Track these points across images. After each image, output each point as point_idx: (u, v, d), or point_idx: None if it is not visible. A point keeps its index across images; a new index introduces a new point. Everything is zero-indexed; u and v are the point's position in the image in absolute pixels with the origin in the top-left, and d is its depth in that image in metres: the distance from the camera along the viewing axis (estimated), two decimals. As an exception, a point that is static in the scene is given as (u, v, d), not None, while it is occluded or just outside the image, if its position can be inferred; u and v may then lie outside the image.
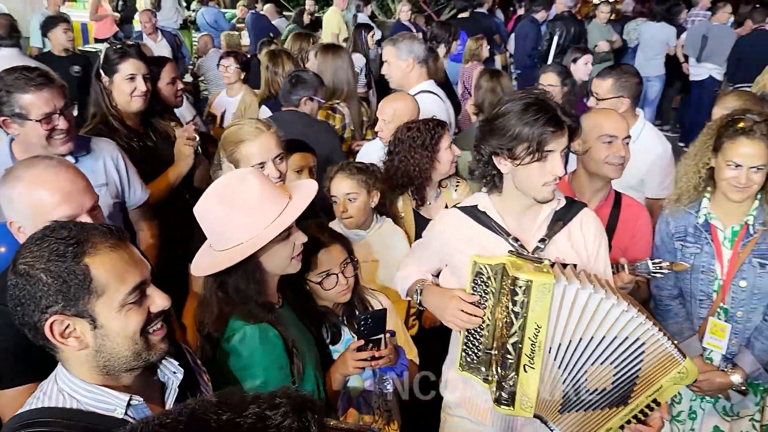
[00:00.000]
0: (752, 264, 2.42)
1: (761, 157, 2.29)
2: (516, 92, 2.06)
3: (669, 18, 8.68)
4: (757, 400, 2.59)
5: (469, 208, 2.17)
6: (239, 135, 2.45)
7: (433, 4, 12.00)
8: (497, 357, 1.94)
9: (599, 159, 2.57)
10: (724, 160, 2.34)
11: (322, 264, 2.22)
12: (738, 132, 2.30)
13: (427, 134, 2.94)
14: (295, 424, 0.81)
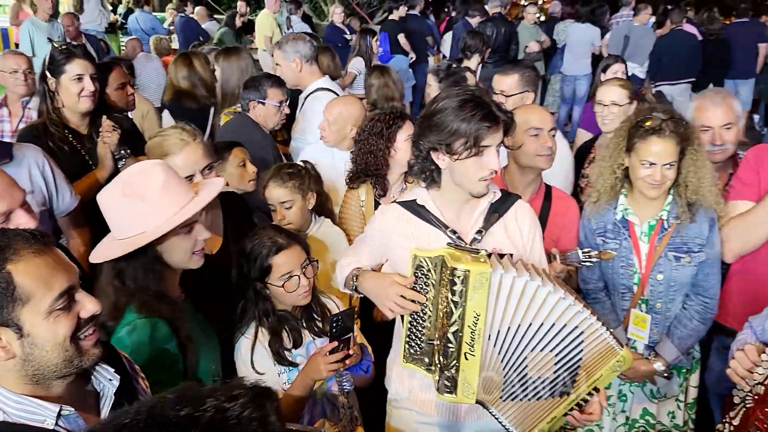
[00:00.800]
0: (668, 257, 2.51)
1: (672, 154, 2.38)
2: (453, 89, 2.10)
3: (593, 19, 9.00)
4: (681, 381, 2.71)
5: (409, 202, 2.22)
6: (164, 147, 2.41)
7: (366, 7, 12.06)
8: (439, 347, 1.98)
9: (529, 152, 2.65)
10: (638, 160, 2.42)
11: (283, 266, 2.22)
12: (648, 132, 2.39)
13: (383, 124, 2.98)
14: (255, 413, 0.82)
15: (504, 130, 2.03)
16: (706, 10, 8.98)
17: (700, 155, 2.47)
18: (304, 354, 2.31)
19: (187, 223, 1.87)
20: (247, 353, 2.25)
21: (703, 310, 2.56)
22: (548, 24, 10.06)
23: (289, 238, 2.29)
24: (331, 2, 11.93)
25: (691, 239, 2.49)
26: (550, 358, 1.95)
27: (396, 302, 2.01)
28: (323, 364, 2.12)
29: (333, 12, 10.02)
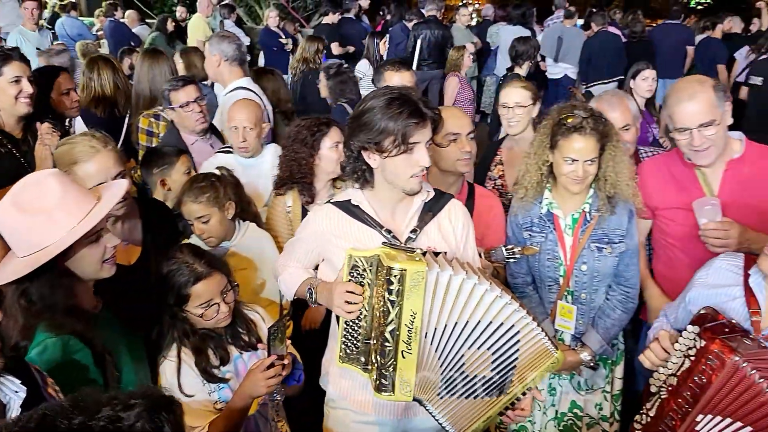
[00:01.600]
0: (591, 249, 2.59)
1: (593, 150, 2.46)
2: (379, 89, 2.12)
3: (524, 21, 9.20)
4: (607, 372, 2.79)
5: (343, 202, 2.22)
6: (72, 155, 2.32)
7: (302, 10, 12.00)
8: (376, 346, 1.99)
9: (449, 157, 2.69)
10: (561, 157, 2.49)
11: (202, 295, 2.16)
12: (570, 129, 2.46)
13: (308, 132, 2.97)
14: (148, 425, 0.80)
15: (432, 127, 2.06)
16: (630, 13, 9.31)
17: (619, 151, 2.55)
18: (233, 370, 2.26)
19: (92, 231, 1.79)
20: (173, 376, 2.17)
21: (624, 299, 2.64)
22: (481, 27, 10.24)
23: (209, 265, 2.20)
24: (265, 6, 11.80)
25: (612, 231, 2.57)
26: (487, 357, 1.99)
27: (345, 300, 2.01)
28: (262, 380, 2.08)
29: (268, 16, 9.93)
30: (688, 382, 1.84)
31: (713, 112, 2.43)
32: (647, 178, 2.69)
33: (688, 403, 1.84)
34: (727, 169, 2.58)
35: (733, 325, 1.86)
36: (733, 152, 2.59)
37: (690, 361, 1.85)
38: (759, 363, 1.73)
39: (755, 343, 1.80)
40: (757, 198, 2.47)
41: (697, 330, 1.86)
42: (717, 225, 2.45)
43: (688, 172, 2.64)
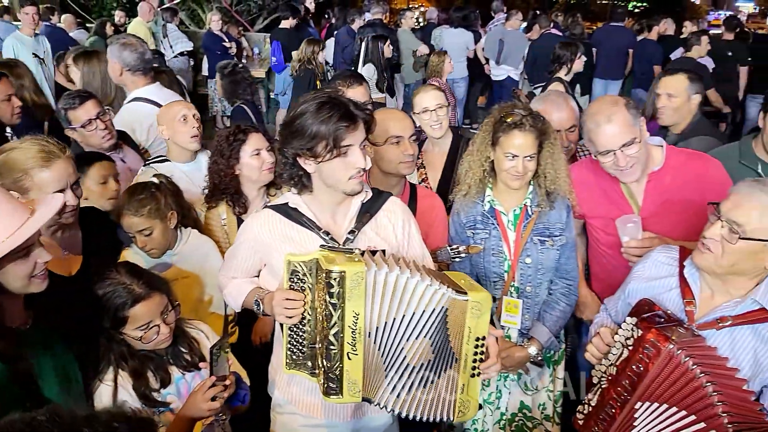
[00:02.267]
0: (533, 242, 2.63)
1: (532, 146, 2.51)
2: (310, 93, 2.10)
3: (466, 24, 9.32)
4: (550, 371, 2.83)
5: (281, 206, 2.21)
6: (25, 162, 2.19)
7: (245, 14, 11.87)
8: (321, 350, 1.99)
9: (391, 159, 2.69)
10: (502, 153, 2.53)
11: (141, 317, 2.09)
12: (511, 126, 2.51)
13: (226, 142, 2.91)
14: None
15: (365, 128, 2.06)
16: (570, 16, 9.54)
17: (556, 148, 2.61)
18: (175, 392, 2.20)
19: (22, 247, 1.68)
20: (109, 401, 2.09)
21: (567, 291, 2.70)
22: (425, 30, 10.32)
23: (148, 286, 2.11)
24: (208, 9, 11.62)
25: (552, 224, 2.62)
26: (426, 343, 2.01)
27: (285, 307, 2.01)
28: (204, 402, 2.03)
29: (210, 19, 9.79)
30: (627, 371, 1.88)
31: (632, 130, 2.46)
32: (577, 183, 2.72)
33: (626, 391, 1.89)
34: (650, 181, 2.64)
35: (669, 315, 1.92)
36: (654, 164, 2.64)
37: (628, 351, 1.89)
38: (692, 350, 1.79)
39: (689, 332, 1.85)
40: (678, 206, 2.54)
41: (634, 321, 1.90)
42: (638, 243, 2.52)
43: (614, 185, 2.69)
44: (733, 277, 1.91)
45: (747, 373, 1.86)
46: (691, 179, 2.60)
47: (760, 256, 1.84)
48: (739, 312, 1.90)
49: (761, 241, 1.80)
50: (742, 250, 1.83)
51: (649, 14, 11.92)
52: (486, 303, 2.01)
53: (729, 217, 1.84)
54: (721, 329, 1.90)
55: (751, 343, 1.88)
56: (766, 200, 1.80)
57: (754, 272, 1.89)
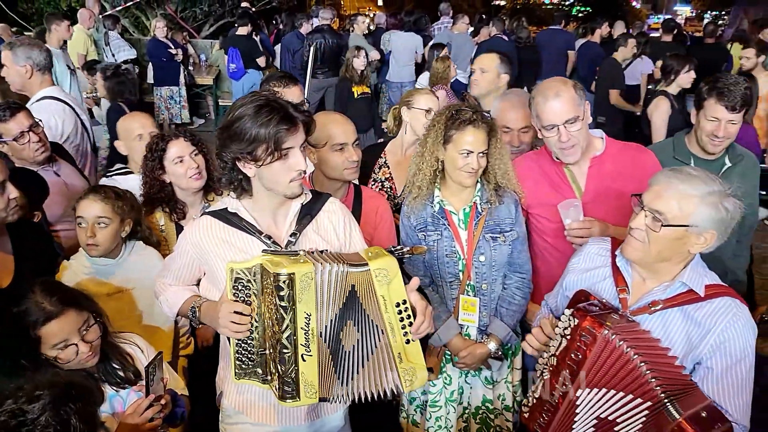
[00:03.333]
0: (486, 239, 2.66)
1: (484, 142, 2.55)
2: (246, 96, 2.06)
3: (416, 28, 9.39)
4: (508, 363, 2.87)
5: (220, 211, 2.17)
6: None
7: (191, 20, 11.70)
8: (273, 355, 1.97)
9: (336, 166, 2.68)
10: (456, 150, 2.55)
11: (55, 336, 1.98)
12: (465, 123, 2.54)
13: (148, 150, 2.89)
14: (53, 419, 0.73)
15: (305, 129, 2.04)
16: (516, 20, 9.70)
17: (502, 144, 2.66)
18: (108, 410, 2.14)
19: None
20: None
21: (521, 284, 2.75)
22: (375, 35, 10.36)
23: (61, 303, 2.01)
24: (152, 16, 11.41)
25: (503, 220, 2.66)
26: (350, 326, 2.01)
27: (232, 321, 1.97)
28: (139, 422, 1.97)
29: (155, 26, 9.61)
30: (566, 360, 1.92)
31: (576, 109, 2.57)
32: (522, 176, 2.78)
33: (567, 380, 1.92)
34: (591, 166, 2.73)
35: (604, 303, 1.97)
36: (595, 149, 2.75)
37: (566, 340, 1.93)
38: (627, 334, 1.84)
39: (624, 318, 1.91)
40: (618, 191, 2.62)
41: (571, 311, 1.95)
42: (580, 224, 2.59)
43: (558, 171, 2.77)
44: (661, 263, 1.98)
45: (679, 352, 1.93)
46: (628, 167, 2.69)
47: (683, 240, 1.91)
48: (669, 295, 1.97)
49: (682, 227, 1.88)
50: (666, 237, 1.90)
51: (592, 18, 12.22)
52: (392, 268, 1.98)
53: (651, 206, 1.91)
54: (653, 313, 1.97)
55: (681, 324, 1.95)
56: (683, 188, 1.88)
57: (680, 257, 1.97)
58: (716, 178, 1.91)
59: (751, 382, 1.93)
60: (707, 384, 1.91)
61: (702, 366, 1.93)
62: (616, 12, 24.53)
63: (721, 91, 2.93)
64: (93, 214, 2.59)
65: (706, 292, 1.93)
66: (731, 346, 1.89)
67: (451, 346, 2.72)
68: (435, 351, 2.76)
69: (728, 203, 1.86)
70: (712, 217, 1.85)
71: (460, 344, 2.71)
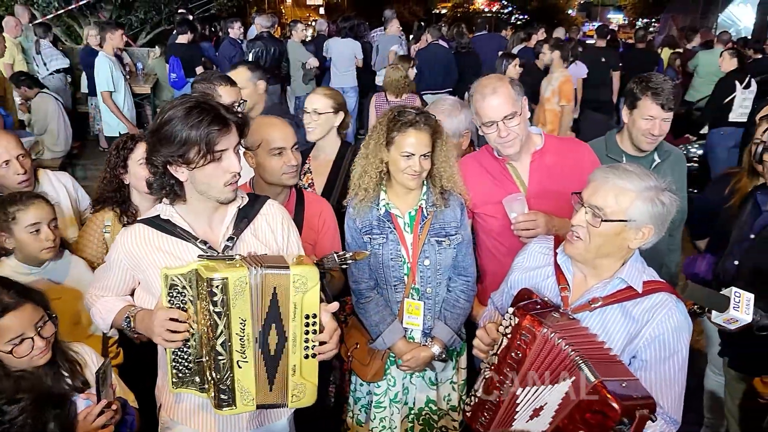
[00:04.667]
0: (431, 243, 2.66)
1: (427, 144, 2.54)
2: (175, 99, 2.02)
3: (354, 35, 9.40)
4: (453, 364, 2.88)
5: (152, 219, 2.12)
6: None
7: (127, 28, 11.40)
8: (209, 362, 1.94)
9: (275, 171, 2.65)
10: (399, 153, 2.54)
11: (11, 329, 1.94)
12: (406, 124, 2.53)
13: (114, 151, 2.87)
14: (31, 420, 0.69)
15: (238, 131, 1.99)
16: (455, 26, 9.84)
17: (449, 146, 2.66)
18: None
19: None
20: None
21: (466, 288, 2.76)
22: (317, 42, 10.33)
23: (19, 295, 2.00)
24: (85, 24, 11.07)
25: (448, 223, 2.66)
26: (273, 330, 1.99)
27: (167, 329, 1.93)
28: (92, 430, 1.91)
29: (88, 35, 9.32)
30: (507, 359, 1.92)
31: (515, 104, 2.63)
32: (465, 176, 2.81)
33: (508, 378, 1.93)
34: (533, 161, 2.79)
35: (545, 302, 1.99)
36: (535, 145, 2.81)
37: (507, 339, 1.94)
38: (566, 332, 1.86)
39: (564, 317, 1.93)
40: (560, 185, 2.66)
41: (513, 310, 1.95)
42: (525, 217, 2.63)
43: (501, 168, 2.81)
44: (602, 259, 2.01)
45: (618, 348, 1.96)
46: (568, 160, 2.76)
47: (622, 236, 1.95)
48: (608, 292, 2.00)
49: (621, 222, 1.91)
50: (606, 232, 1.93)
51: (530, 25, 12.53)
52: (312, 277, 1.95)
53: (590, 202, 1.95)
54: (593, 310, 2.00)
55: (620, 321, 1.98)
56: (620, 183, 1.92)
57: (620, 253, 2.00)
58: (652, 173, 1.96)
59: (683, 377, 1.97)
60: (640, 376, 1.93)
61: (637, 359, 1.97)
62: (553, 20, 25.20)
63: (655, 90, 3.02)
64: (47, 217, 2.58)
65: (644, 288, 1.97)
66: (665, 340, 1.93)
67: (396, 349, 2.72)
68: (379, 354, 2.75)
69: (664, 198, 1.90)
70: (649, 211, 1.89)
71: (404, 347, 2.71)
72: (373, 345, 2.72)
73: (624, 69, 9.02)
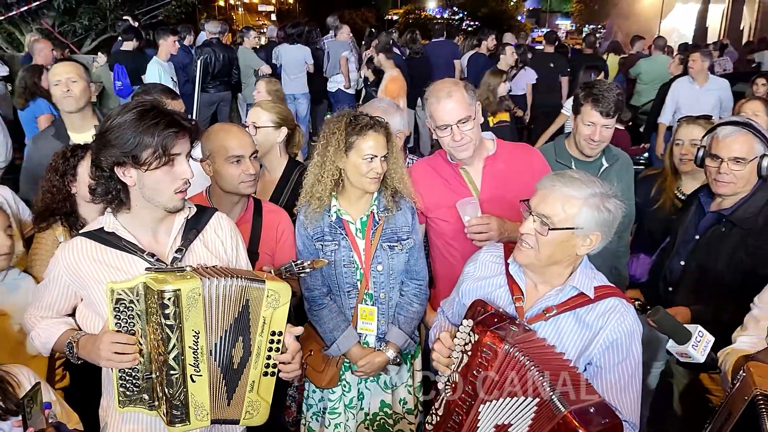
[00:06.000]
0: (383, 248, 2.65)
1: (385, 146, 2.55)
2: (125, 104, 1.96)
3: (303, 41, 9.35)
4: (408, 367, 2.88)
5: (94, 232, 2.04)
6: None
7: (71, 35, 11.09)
8: (160, 378, 1.89)
9: (232, 179, 2.61)
10: (359, 156, 2.51)
11: None
12: (366, 127, 2.52)
13: (62, 159, 2.77)
14: None
15: (190, 139, 1.95)
16: (409, 32, 9.89)
17: (397, 150, 2.67)
18: None
19: None
20: None
21: (418, 292, 2.76)
22: (267, 48, 10.24)
23: None
24: (27, 31, 10.72)
25: (400, 228, 2.66)
26: (240, 343, 1.97)
27: (116, 351, 1.86)
28: None
29: (30, 42, 9.01)
30: (469, 377, 1.91)
31: (468, 108, 2.65)
32: (419, 180, 2.82)
33: (470, 396, 1.91)
34: (486, 166, 2.81)
35: (501, 314, 1.97)
36: (487, 150, 2.84)
37: (467, 357, 1.92)
38: (525, 345, 1.86)
39: (521, 328, 1.92)
40: (512, 189, 2.69)
41: (470, 324, 1.94)
42: (479, 220, 2.65)
43: (454, 172, 2.82)
44: (551, 267, 2.02)
45: (573, 355, 1.97)
46: (520, 165, 2.79)
47: (570, 243, 1.96)
48: (561, 300, 2.01)
49: (568, 230, 1.93)
50: (554, 240, 1.94)
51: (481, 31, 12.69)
52: (284, 294, 1.97)
53: (538, 211, 1.95)
54: (548, 319, 2.00)
55: (574, 328, 1.99)
56: (567, 191, 1.93)
57: (569, 260, 2.01)
58: (597, 180, 1.97)
59: (638, 380, 1.99)
60: (596, 382, 1.96)
61: (592, 365, 1.98)
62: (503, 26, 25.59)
63: (596, 97, 3.08)
64: (4, 224, 2.49)
65: (595, 294, 1.98)
66: (619, 345, 1.95)
67: (350, 355, 2.71)
68: (334, 361, 2.73)
69: (610, 204, 1.92)
70: (596, 218, 1.91)
71: (359, 353, 2.70)
72: (328, 351, 2.70)
73: (572, 74, 9.21)
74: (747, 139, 2.60)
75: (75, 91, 3.60)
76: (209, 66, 8.32)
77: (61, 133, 3.64)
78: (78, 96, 3.61)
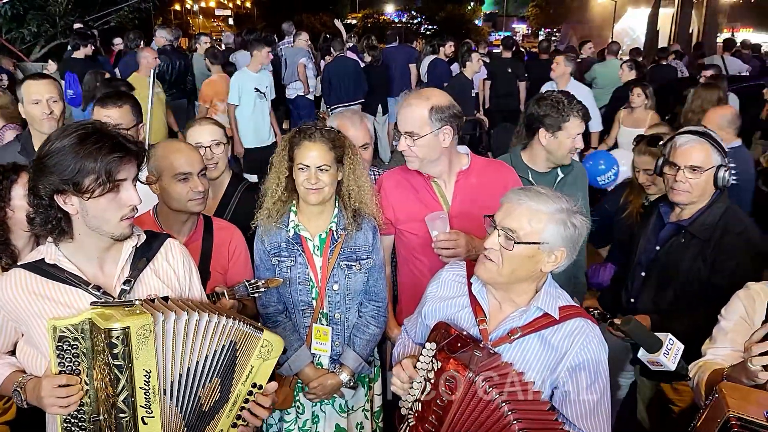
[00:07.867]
0: (341, 267, 2.58)
1: (324, 157, 2.46)
2: (64, 127, 1.84)
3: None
4: (365, 391, 2.81)
5: (34, 264, 1.91)
6: None
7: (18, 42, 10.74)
8: (109, 420, 1.77)
9: (180, 197, 2.52)
10: (296, 165, 2.48)
11: None
12: (301, 137, 2.48)
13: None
14: None
15: (137, 162, 1.85)
16: (365, 39, 9.85)
17: (358, 164, 2.59)
18: None
19: None
20: None
21: (377, 314, 2.70)
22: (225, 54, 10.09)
23: None
24: (-27, 38, 10.36)
25: (360, 247, 2.59)
26: (217, 383, 1.91)
27: (59, 396, 1.75)
28: None
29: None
30: (432, 406, 1.85)
31: (419, 126, 2.61)
32: (390, 191, 2.78)
33: (434, 426, 1.85)
34: (458, 180, 2.77)
35: (465, 337, 1.91)
36: (461, 164, 2.79)
37: (431, 384, 1.86)
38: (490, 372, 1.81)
39: (485, 352, 1.86)
40: (483, 206, 2.63)
41: (434, 348, 1.88)
42: (446, 236, 2.61)
43: (426, 185, 2.78)
44: (515, 284, 1.97)
45: (538, 378, 1.92)
46: (492, 181, 2.76)
47: (535, 259, 1.91)
48: (526, 321, 1.96)
49: (534, 244, 1.89)
50: (519, 255, 1.89)
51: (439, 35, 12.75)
52: (277, 348, 1.95)
53: (503, 225, 1.91)
54: (513, 342, 1.95)
55: (539, 350, 1.94)
56: (533, 205, 1.89)
57: (533, 277, 1.97)
58: (563, 196, 1.94)
59: (607, 401, 1.96)
60: (564, 408, 1.92)
61: (559, 390, 1.94)
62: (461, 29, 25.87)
63: (580, 108, 3.10)
64: None
65: (560, 314, 1.94)
66: (586, 367, 1.91)
67: (302, 375, 2.64)
68: (287, 380, 2.65)
69: (575, 220, 1.89)
70: (562, 234, 1.88)
71: (311, 374, 2.64)
72: (280, 371, 2.61)
73: (529, 79, 9.30)
74: (704, 149, 2.63)
75: (57, 112, 3.40)
76: (164, 73, 8.13)
77: (27, 150, 3.40)
78: (58, 118, 3.41)
